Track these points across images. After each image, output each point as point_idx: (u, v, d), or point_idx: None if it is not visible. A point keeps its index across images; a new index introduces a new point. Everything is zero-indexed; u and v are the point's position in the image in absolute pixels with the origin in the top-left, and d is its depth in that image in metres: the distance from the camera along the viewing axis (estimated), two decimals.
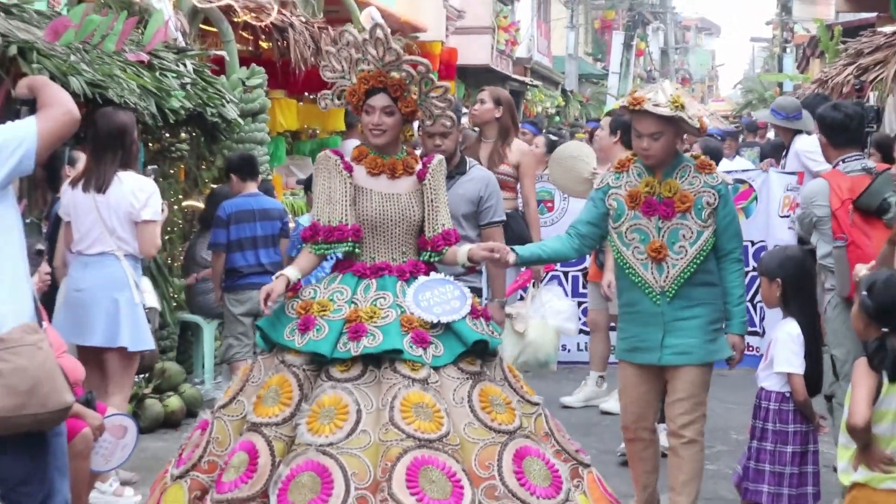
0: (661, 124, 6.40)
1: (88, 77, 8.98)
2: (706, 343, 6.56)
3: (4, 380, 5.04)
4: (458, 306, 6.35)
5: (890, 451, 4.99)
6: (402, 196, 6.51)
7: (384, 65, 6.43)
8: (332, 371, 6.23)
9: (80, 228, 8.00)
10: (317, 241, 6.51)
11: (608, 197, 6.63)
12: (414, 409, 6.08)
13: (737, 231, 6.65)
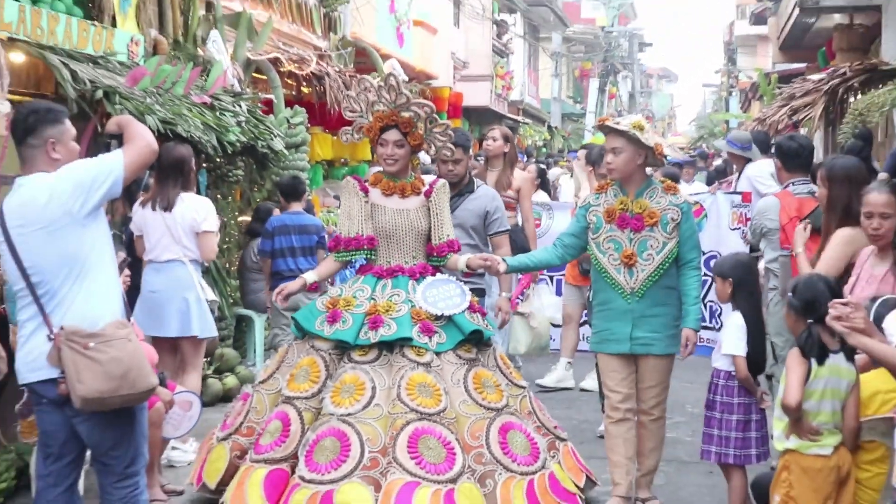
0: (621, 141, 6.54)
1: (161, 116, 8.99)
2: (668, 337, 6.58)
3: (102, 367, 4.99)
4: (458, 302, 6.76)
5: (816, 424, 4.91)
6: (411, 211, 6.94)
7: (396, 106, 6.85)
8: (353, 355, 6.66)
9: (151, 240, 8.00)
10: (338, 250, 7.02)
11: (589, 213, 6.72)
12: (418, 388, 6.45)
13: (696, 243, 6.72)
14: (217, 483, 6.65)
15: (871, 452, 4.94)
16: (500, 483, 6.31)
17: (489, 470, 6.34)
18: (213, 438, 7.02)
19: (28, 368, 5.20)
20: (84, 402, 4.99)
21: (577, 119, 48.78)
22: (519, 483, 6.34)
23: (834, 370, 4.92)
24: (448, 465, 6.19)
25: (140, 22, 10.83)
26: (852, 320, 4.31)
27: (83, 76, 8.47)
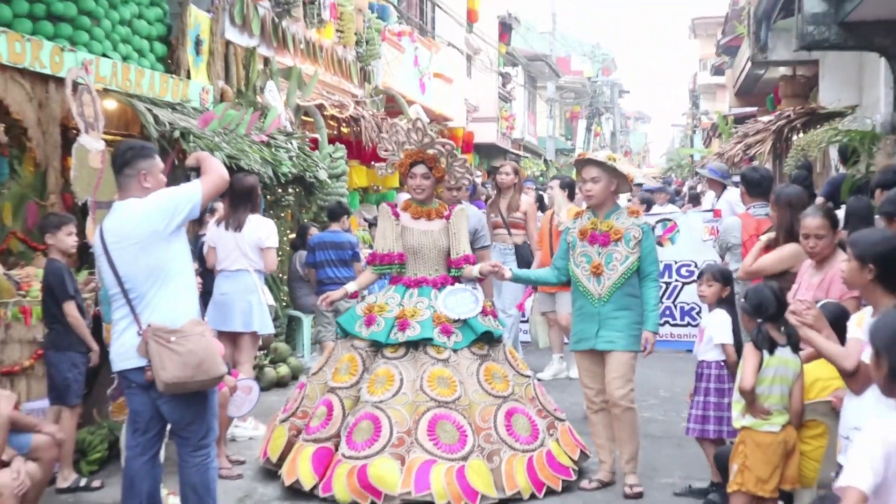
0: (599, 171, 6.55)
1: (227, 152, 9.08)
2: (629, 336, 6.45)
3: (181, 358, 5.06)
4: (472, 308, 6.81)
5: (767, 405, 4.88)
6: (434, 232, 7.01)
7: (422, 145, 6.99)
8: (385, 352, 6.79)
9: (223, 253, 8.02)
10: (375, 264, 7.15)
11: (567, 234, 6.78)
12: (437, 380, 6.55)
13: (655, 259, 6.64)
14: (278, 457, 6.71)
15: (813, 429, 4.92)
16: (504, 459, 6.36)
17: (496, 448, 6.40)
18: (276, 420, 7.08)
19: (121, 358, 5.27)
20: (166, 387, 5.05)
21: (568, 153, 48.70)
22: (521, 459, 6.41)
23: (782, 361, 4.91)
24: (461, 445, 6.28)
25: (210, 74, 10.90)
26: (804, 317, 4.31)
27: (163, 119, 8.53)
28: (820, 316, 4.35)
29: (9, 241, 8.22)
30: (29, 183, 8.37)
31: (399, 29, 19.27)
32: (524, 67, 38.23)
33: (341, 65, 15.66)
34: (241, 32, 11.92)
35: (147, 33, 9.98)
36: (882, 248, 4.13)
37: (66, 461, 6.73)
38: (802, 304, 4.44)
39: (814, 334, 4.30)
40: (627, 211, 6.75)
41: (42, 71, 7.60)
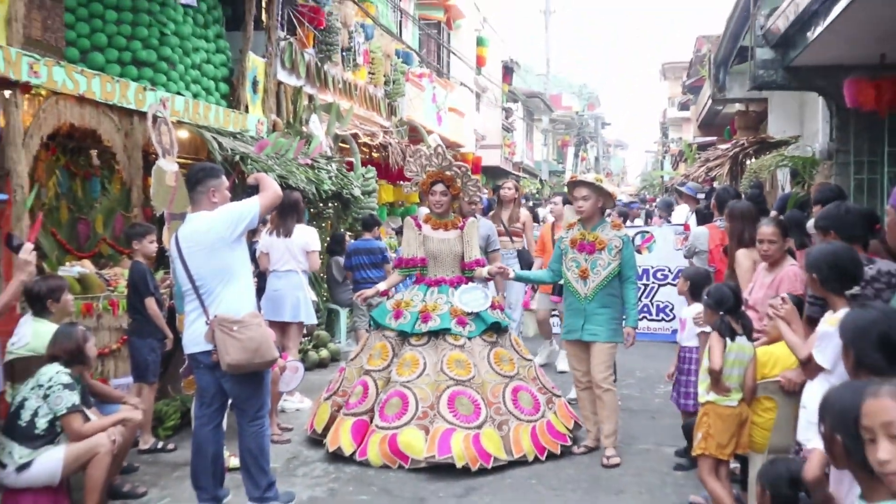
0: (588, 190, 6.54)
1: (278, 172, 9.11)
2: (610, 330, 6.47)
3: (242, 344, 5.11)
4: (483, 303, 6.90)
5: (727, 384, 4.88)
6: (451, 240, 7.06)
7: (441, 167, 7.11)
8: (411, 340, 6.85)
9: (274, 256, 8.06)
10: (401, 267, 7.27)
11: (561, 243, 6.76)
12: (455, 363, 6.61)
13: (634, 265, 6.61)
14: (322, 429, 6.82)
15: (765, 404, 4.91)
16: (512, 428, 6.45)
17: (504, 419, 6.48)
18: (320, 398, 7.17)
19: (192, 343, 5.32)
20: (229, 367, 5.11)
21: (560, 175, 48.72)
22: (525, 428, 6.50)
23: (740, 347, 4.90)
24: (476, 416, 6.34)
25: (264, 109, 10.95)
26: (780, 311, 4.32)
27: (226, 146, 8.57)
28: (792, 310, 4.35)
29: (100, 246, 8.27)
30: (117, 198, 8.41)
31: (420, 71, 19.28)
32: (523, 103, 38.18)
33: (372, 101, 15.68)
34: (290, 74, 11.95)
35: (213, 75, 10.03)
36: (823, 260, 4.12)
37: (146, 428, 6.78)
38: (779, 301, 4.45)
39: (783, 325, 4.31)
40: (611, 224, 6.68)
41: (128, 106, 7.63)
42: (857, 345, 3.12)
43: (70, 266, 7.55)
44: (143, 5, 8.88)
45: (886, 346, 3.08)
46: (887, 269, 4.46)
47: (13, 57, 6.25)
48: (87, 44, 8.46)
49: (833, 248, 4.26)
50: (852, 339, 3.15)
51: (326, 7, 12.77)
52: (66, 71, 6.86)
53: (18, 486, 5.14)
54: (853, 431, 2.37)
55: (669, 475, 6.23)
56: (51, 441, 5.20)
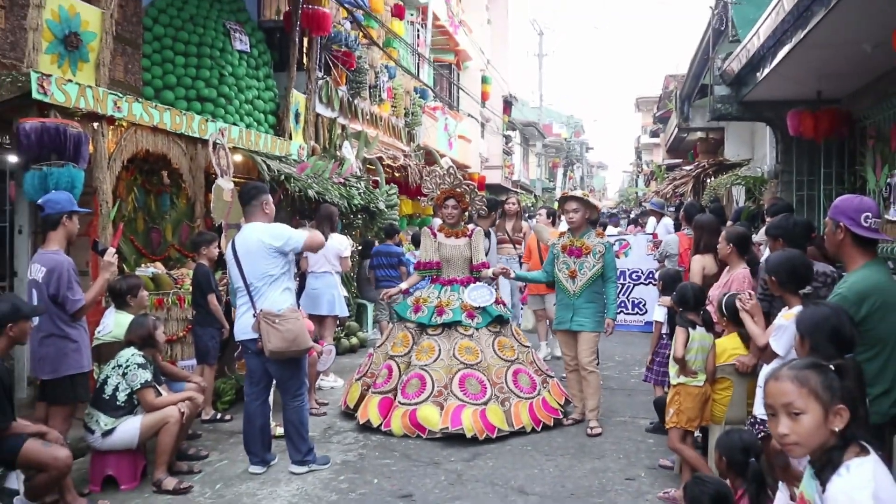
0: (578, 204, 6.56)
1: (317, 189, 9.16)
2: (594, 321, 6.49)
3: (282, 334, 5.18)
4: (489, 299, 6.87)
5: (693, 368, 4.84)
6: (461, 246, 7.02)
7: (453, 185, 7.14)
8: (428, 331, 6.83)
9: (312, 260, 8.07)
10: (420, 269, 7.19)
11: (554, 248, 6.77)
12: (465, 350, 6.60)
13: (614, 267, 6.61)
14: (354, 405, 6.82)
15: (722, 384, 4.89)
16: (513, 404, 6.45)
17: (506, 396, 6.48)
18: (352, 379, 7.18)
19: (241, 332, 5.40)
20: (271, 354, 5.18)
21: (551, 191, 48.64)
22: (524, 404, 6.50)
23: (702, 337, 4.90)
24: (482, 394, 6.34)
25: (304, 137, 10.97)
26: (746, 305, 4.33)
27: (273, 167, 8.58)
28: (756, 305, 4.36)
29: (169, 251, 8.29)
30: (183, 211, 8.43)
31: (434, 105, 19.27)
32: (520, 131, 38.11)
33: (394, 129, 15.68)
34: (327, 108, 11.95)
35: (263, 109, 10.06)
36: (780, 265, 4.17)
37: (207, 401, 6.79)
38: (746, 296, 4.46)
39: (747, 318, 4.33)
40: (596, 232, 6.70)
41: (193, 135, 7.65)
42: (812, 336, 3.13)
43: (145, 267, 7.58)
44: (206, 51, 8.92)
45: (836, 337, 3.10)
46: (823, 271, 4.53)
47: (101, 95, 6.30)
48: (160, 83, 8.51)
49: (789, 255, 4.31)
50: (809, 331, 3.16)
51: (357, 52, 12.80)
52: (142, 106, 6.90)
53: (104, 449, 5.20)
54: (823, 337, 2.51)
55: (643, 443, 6.22)
56: (130, 411, 5.25)
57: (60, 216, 5.03)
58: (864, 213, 3.58)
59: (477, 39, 25.19)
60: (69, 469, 4.52)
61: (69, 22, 6.23)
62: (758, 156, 13.77)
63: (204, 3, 9.18)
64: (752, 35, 8.29)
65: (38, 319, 4.80)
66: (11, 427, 4.36)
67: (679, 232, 8.64)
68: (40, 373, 4.96)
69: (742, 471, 3.59)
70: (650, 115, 38.74)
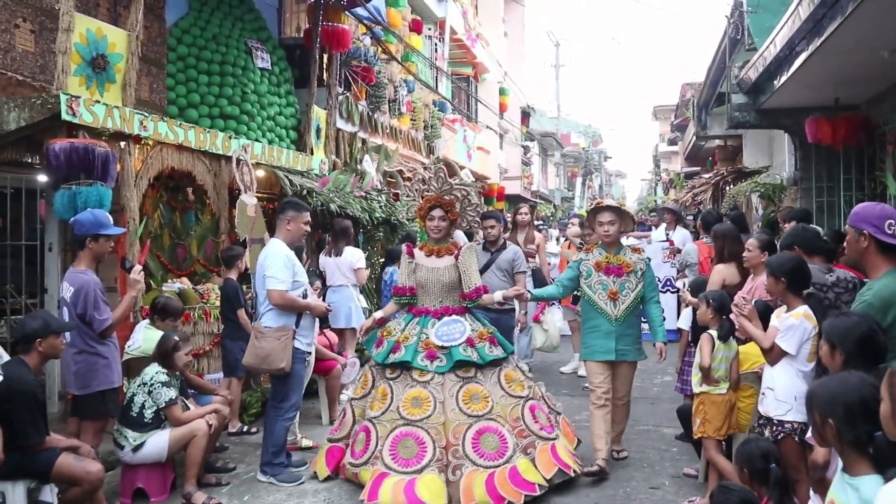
0: (613, 215, 5.69)
1: (338, 203, 9.15)
2: (636, 349, 5.73)
3: (255, 350, 5.41)
4: (457, 337, 5.35)
5: (716, 376, 4.83)
6: (440, 269, 5.56)
7: (440, 191, 5.75)
8: (386, 372, 5.46)
9: (328, 272, 8.18)
10: (395, 295, 5.79)
11: (581, 265, 5.78)
12: (411, 401, 5.17)
13: (655, 286, 5.83)
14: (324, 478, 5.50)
15: (746, 391, 4.89)
16: (465, 474, 4.94)
17: (459, 463, 4.99)
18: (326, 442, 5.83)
19: None
20: (245, 365, 5.61)
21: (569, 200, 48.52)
22: (481, 475, 4.92)
23: (727, 346, 4.88)
24: (417, 459, 4.95)
25: (325, 151, 11.02)
26: (743, 310, 4.33)
27: (296, 182, 8.62)
28: (753, 310, 4.36)
29: (195, 266, 8.36)
30: (208, 227, 8.50)
31: (453, 117, 19.32)
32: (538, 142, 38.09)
33: (414, 142, 15.73)
34: (347, 122, 12.01)
35: (285, 125, 10.12)
36: (788, 267, 4.19)
37: (234, 413, 6.84)
38: (742, 301, 4.45)
39: (747, 322, 4.32)
40: (630, 249, 5.86)
41: (216, 152, 7.71)
42: (845, 345, 3.13)
43: (171, 282, 7.65)
44: (228, 70, 9.00)
45: (869, 346, 3.11)
46: (844, 277, 4.51)
47: (128, 115, 6.38)
48: (184, 102, 8.60)
49: (792, 257, 4.36)
50: (841, 341, 3.15)
51: (376, 67, 12.88)
52: (167, 125, 6.98)
53: (134, 463, 5.24)
54: (842, 415, 2.41)
55: (667, 451, 6.20)
56: (157, 426, 5.29)
57: (85, 238, 5.10)
58: (888, 220, 3.57)
59: (494, 52, 25.24)
60: (101, 483, 4.56)
61: (96, 44, 6.33)
62: (776, 163, 13.69)
63: (226, 22, 9.27)
64: (769, 43, 8.26)
65: (70, 336, 4.87)
66: (45, 442, 4.42)
67: (698, 241, 8.59)
68: (72, 388, 5.02)
69: (764, 479, 3.58)
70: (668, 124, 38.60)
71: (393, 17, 14.45)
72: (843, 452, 2.43)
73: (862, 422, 2.40)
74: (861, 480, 2.36)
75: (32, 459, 4.31)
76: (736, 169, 15.82)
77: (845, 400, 2.43)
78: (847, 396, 2.45)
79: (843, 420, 2.40)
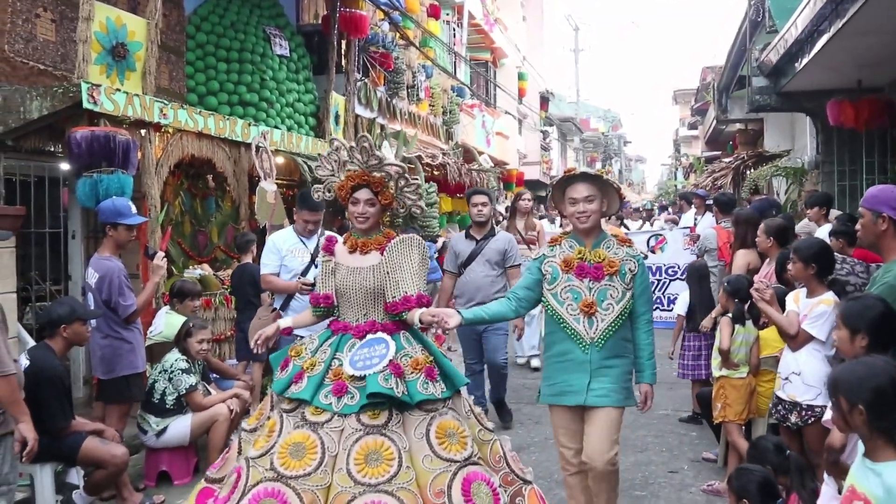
0: (594, 189, 3.78)
1: None
2: (623, 389, 3.79)
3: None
4: (376, 363, 3.58)
5: (736, 360, 4.83)
6: (364, 269, 3.82)
7: (368, 166, 3.87)
8: (283, 404, 3.69)
9: None
10: (313, 304, 4.01)
11: (544, 265, 3.89)
12: (289, 449, 3.48)
13: (649, 297, 3.97)
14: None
15: (766, 376, 4.88)
16: None
17: None
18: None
19: None
20: None
21: None
22: None
23: (747, 330, 4.88)
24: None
25: (344, 137, 11.04)
26: (763, 293, 4.31)
27: (314, 168, 8.67)
28: (773, 294, 4.35)
29: (216, 252, 8.44)
30: (228, 213, 8.57)
31: (471, 102, 19.27)
32: (558, 126, 37.94)
33: (432, 128, 15.74)
34: (366, 108, 12.03)
35: (303, 111, 10.15)
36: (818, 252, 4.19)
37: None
38: (763, 286, 4.44)
39: (767, 307, 4.31)
40: (617, 239, 3.97)
41: (236, 139, 7.76)
42: (869, 329, 3.11)
43: (193, 269, 7.73)
44: (247, 57, 9.04)
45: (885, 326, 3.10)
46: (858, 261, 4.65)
47: (147, 103, 6.44)
48: (203, 90, 8.64)
49: (819, 242, 4.37)
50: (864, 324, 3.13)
51: (394, 52, 12.87)
52: (187, 112, 7.03)
53: (158, 447, 5.34)
54: (872, 400, 2.34)
55: (686, 436, 6.20)
56: (179, 412, 5.37)
57: (105, 226, 5.17)
58: None
59: (512, 37, 25.13)
60: (126, 465, 4.65)
61: (116, 33, 6.38)
62: (798, 146, 13.58)
63: (244, 9, 9.30)
64: (790, 25, 8.18)
65: (96, 321, 4.94)
66: (71, 425, 4.50)
67: (717, 226, 8.52)
68: (97, 372, 5.11)
69: (784, 469, 3.59)
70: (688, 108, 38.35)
71: (411, 3, 14.41)
72: (870, 438, 2.38)
73: (892, 407, 2.34)
74: (885, 466, 2.31)
75: (59, 443, 4.41)
76: (757, 153, 15.70)
77: (875, 385, 2.35)
78: (877, 381, 2.35)
79: (874, 406, 2.34)
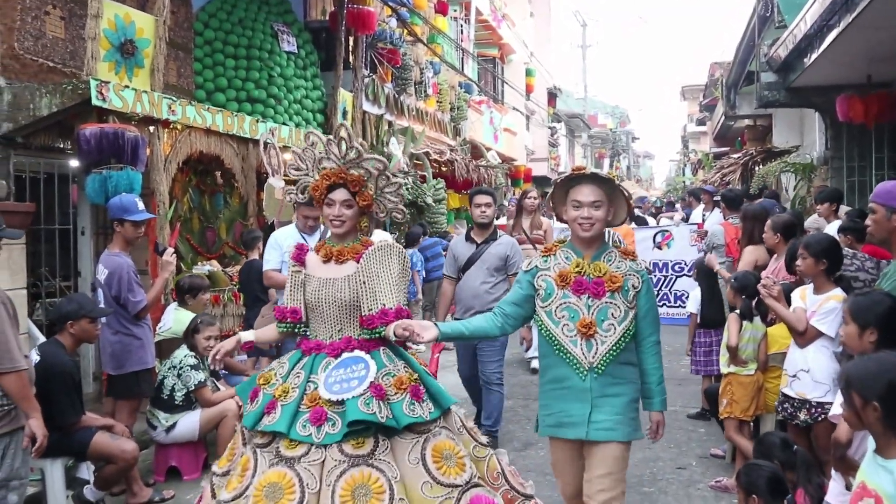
0: (601, 193, 3.29)
1: None
2: (629, 420, 3.33)
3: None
4: (354, 386, 3.19)
5: (744, 357, 4.85)
6: (338, 280, 3.39)
7: (346, 162, 3.45)
8: (256, 438, 3.30)
9: None
10: (279, 321, 3.56)
11: (536, 278, 3.38)
12: (265, 490, 3.08)
13: (656, 317, 3.46)
14: None
15: (773, 372, 4.88)
16: None
17: None
18: None
19: None
20: None
21: None
22: None
23: (754, 327, 4.89)
24: None
25: None
26: (770, 290, 4.31)
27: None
28: (780, 291, 4.36)
29: (224, 249, 8.47)
30: (236, 210, 8.59)
31: (479, 99, 19.26)
32: (565, 123, 37.87)
33: (440, 124, 15.72)
34: (373, 105, 12.03)
35: (311, 108, 10.16)
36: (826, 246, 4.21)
37: None
38: (770, 282, 4.44)
39: (774, 303, 4.32)
40: (619, 252, 3.43)
41: (244, 135, 7.78)
42: (880, 325, 3.08)
43: (201, 265, 7.76)
44: (255, 53, 9.05)
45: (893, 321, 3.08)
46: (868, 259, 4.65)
47: (156, 100, 6.46)
48: (211, 86, 8.66)
49: (830, 238, 4.39)
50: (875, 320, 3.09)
51: (401, 49, 12.86)
52: (195, 109, 7.05)
53: (167, 442, 5.36)
54: (886, 396, 2.29)
55: (694, 432, 6.20)
56: (188, 408, 5.39)
57: (112, 222, 5.21)
58: None
59: (520, 33, 25.08)
60: (136, 461, 4.67)
61: (125, 30, 6.40)
62: (807, 142, 13.52)
63: (252, 6, 9.31)
64: (799, 20, 8.14)
65: (106, 317, 4.96)
66: (81, 420, 4.53)
67: (724, 222, 8.49)
68: (107, 368, 5.15)
69: (791, 464, 3.59)
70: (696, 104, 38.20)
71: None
72: (883, 434, 2.34)
73: None
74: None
75: (69, 438, 4.43)
76: (765, 149, 15.65)
77: (889, 381, 2.31)
78: (891, 377, 2.30)
79: (888, 402, 2.30)
